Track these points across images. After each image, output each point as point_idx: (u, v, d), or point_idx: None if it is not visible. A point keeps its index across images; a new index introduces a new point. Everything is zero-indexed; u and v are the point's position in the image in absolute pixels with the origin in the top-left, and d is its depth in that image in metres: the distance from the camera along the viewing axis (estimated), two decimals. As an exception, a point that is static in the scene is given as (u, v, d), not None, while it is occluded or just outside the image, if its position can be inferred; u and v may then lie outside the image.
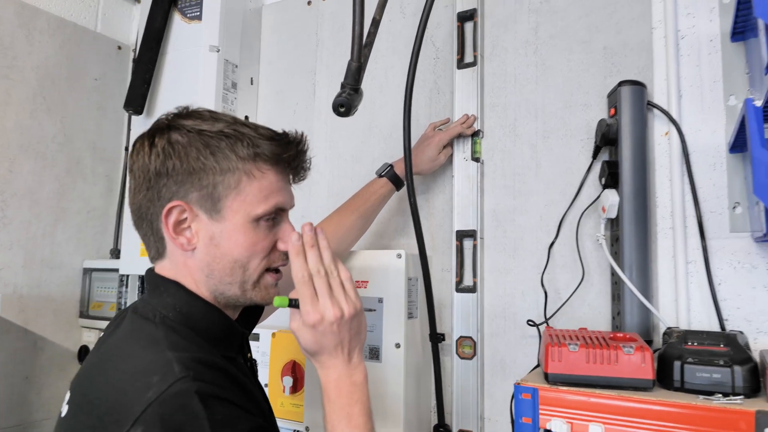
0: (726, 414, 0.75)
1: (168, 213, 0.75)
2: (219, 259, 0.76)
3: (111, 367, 0.68)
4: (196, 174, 0.75)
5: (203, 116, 0.81)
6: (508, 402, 1.21)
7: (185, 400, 0.60)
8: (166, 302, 0.75)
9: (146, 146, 0.78)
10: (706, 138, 1.09)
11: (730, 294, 1.04)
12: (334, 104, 0.91)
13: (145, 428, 0.58)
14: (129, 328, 0.73)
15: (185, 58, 1.57)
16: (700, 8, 1.12)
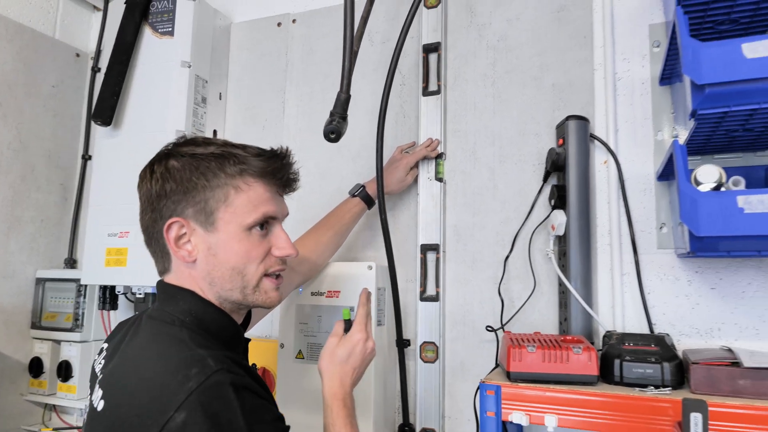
0: (658, 402, 0.90)
1: (168, 229, 0.82)
2: (218, 267, 0.83)
3: (146, 365, 0.74)
4: (190, 192, 0.82)
5: (197, 142, 0.88)
6: (468, 401, 1.34)
7: (221, 389, 0.67)
8: (181, 308, 0.81)
9: (148, 174, 0.87)
10: (638, 167, 1.27)
11: (658, 302, 1.21)
12: (325, 131, 0.99)
13: (187, 414, 0.64)
14: (152, 332, 0.79)
15: (156, 72, 1.60)
16: (635, 55, 1.30)
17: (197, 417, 0.65)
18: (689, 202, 0.88)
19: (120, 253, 1.55)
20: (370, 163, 1.53)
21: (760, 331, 1.13)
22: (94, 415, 0.77)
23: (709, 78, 0.88)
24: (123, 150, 1.59)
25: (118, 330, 0.92)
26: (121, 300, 1.70)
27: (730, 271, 1.17)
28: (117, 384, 0.76)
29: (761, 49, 0.84)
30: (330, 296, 1.34)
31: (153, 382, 0.70)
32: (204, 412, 0.65)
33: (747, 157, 1.17)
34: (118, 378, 0.77)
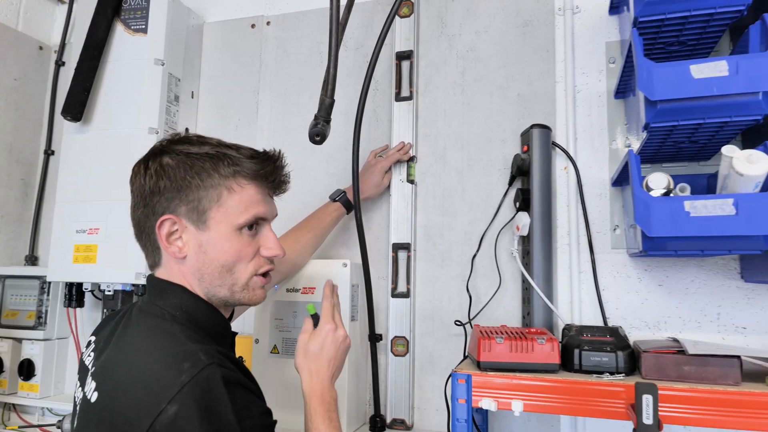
0: (613, 387, 0.99)
1: (161, 225, 0.85)
2: (207, 264, 0.86)
3: (140, 358, 0.76)
4: (184, 191, 0.85)
5: (191, 141, 0.91)
6: (436, 392, 1.41)
7: (212, 383, 0.70)
8: (172, 303, 0.84)
9: (142, 169, 0.89)
10: (594, 173, 1.37)
11: (611, 297, 1.32)
12: (311, 134, 1.04)
13: (179, 406, 0.67)
14: (144, 325, 0.82)
15: (128, 69, 1.59)
16: (593, 70, 1.41)
17: (189, 409, 0.67)
18: (642, 206, 0.98)
19: (89, 249, 1.54)
20: (343, 164, 1.58)
21: (701, 324, 1.25)
22: (87, 406, 0.79)
23: (660, 95, 0.98)
24: (93, 146, 1.58)
25: (107, 322, 0.94)
26: (87, 297, 1.69)
27: (675, 270, 1.28)
28: (111, 376, 0.77)
29: (706, 70, 0.95)
30: (305, 293, 1.38)
31: (147, 375, 0.72)
32: (196, 405, 0.67)
33: (691, 167, 1.29)
34: (112, 370, 0.78)
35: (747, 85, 0.94)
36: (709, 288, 1.25)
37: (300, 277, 1.38)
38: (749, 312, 1.22)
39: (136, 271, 1.51)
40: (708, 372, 0.98)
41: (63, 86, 1.93)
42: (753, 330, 1.21)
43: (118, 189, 1.54)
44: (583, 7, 1.43)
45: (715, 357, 0.98)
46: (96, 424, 0.75)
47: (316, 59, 1.67)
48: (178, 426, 0.66)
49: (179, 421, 0.67)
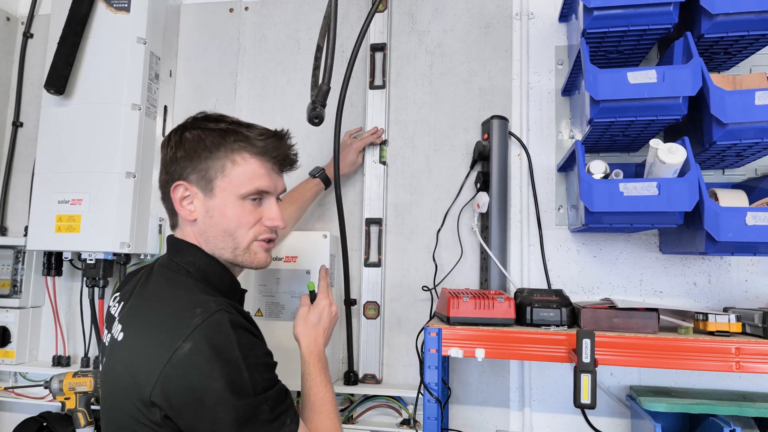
0: (557, 336, 1.20)
1: (174, 189, 0.98)
2: (212, 228, 0.99)
3: (160, 304, 0.89)
4: (195, 160, 0.98)
5: (210, 118, 1.03)
6: (403, 350, 1.59)
7: (221, 325, 0.84)
8: (187, 260, 0.97)
9: (166, 141, 1.02)
10: (543, 160, 1.58)
11: (555, 266, 1.54)
12: (310, 116, 1.17)
13: (193, 343, 0.81)
14: (164, 278, 0.95)
15: (111, 46, 1.64)
16: (543, 69, 1.61)
17: (201, 346, 0.81)
18: (586, 186, 1.19)
19: (72, 219, 1.59)
20: (319, 144, 1.72)
21: (627, 289, 1.49)
22: (114, 345, 0.91)
23: (603, 95, 1.19)
24: (75, 119, 1.63)
25: (129, 279, 1.06)
26: (64, 266, 1.74)
27: (607, 244, 1.52)
28: (135, 318, 0.91)
29: (640, 77, 1.16)
30: (288, 261, 1.51)
31: (165, 318, 0.86)
32: (206, 342, 0.81)
33: (623, 156, 1.52)
34: (136, 314, 0.91)
35: (671, 91, 1.16)
36: (634, 259, 1.50)
37: (282, 247, 1.51)
38: (665, 278, 1.47)
39: (121, 241, 1.59)
40: (632, 323, 1.21)
41: (31, 58, 1.94)
42: (668, 294, 1.47)
43: (102, 161, 1.60)
44: (537, 14, 1.63)
45: (638, 310, 1.21)
46: (123, 357, 0.87)
47: (293, 45, 1.79)
48: (192, 359, 0.80)
49: (192, 355, 0.80)
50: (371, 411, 1.54)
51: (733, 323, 1.18)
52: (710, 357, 1.13)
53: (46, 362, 1.77)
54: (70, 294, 1.81)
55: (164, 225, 1.77)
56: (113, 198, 1.59)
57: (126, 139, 1.62)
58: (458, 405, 1.54)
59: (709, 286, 1.45)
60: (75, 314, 1.77)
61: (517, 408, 1.52)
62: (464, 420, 1.54)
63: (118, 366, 0.88)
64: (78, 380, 1.50)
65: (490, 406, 1.53)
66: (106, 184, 1.60)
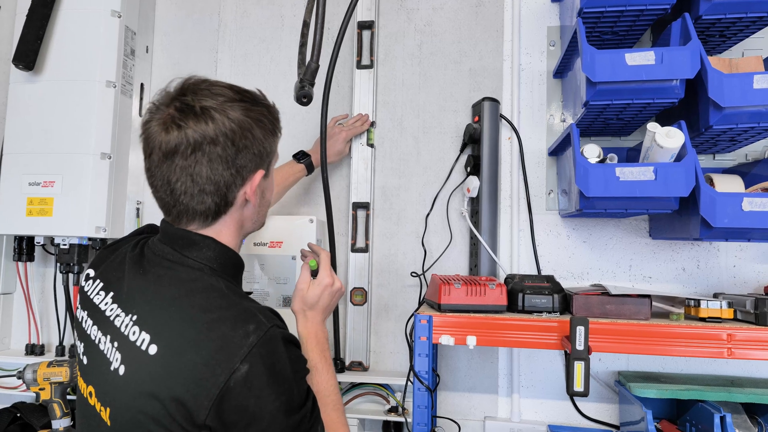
0: (549, 323, 1.18)
1: (253, 179, 0.90)
2: (263, 207, 0.96)
3: (203, 316, 0.79)
4: (258, 146, 0.89)
5: (236, 90, 0.91)
6: (390, 337, 1.56)
7: (275, 344, 0.79)
8: (206, 255, 0.87)
9: (213, 135, 0.88)
10: (534, 144, 1.55)
11: (544, 252, 1.52)
12: (298, 95, 1.12)
13: (250, 365, 0.75)
14: (188, 279, 0.83)
15: (83, 19, 1.56)
16: (535, 50, 1.57)
17: (258, 368, 0.76)
18: (582, 171, 1.16)
19: (44, 202, 1.52)
20: (304, 126, 1.66)
21: (616, 274, 1.48)
22: (140, 356, 0.78)
23: (600, 77, 1.15)
24: (47, 97, 1.55)
25: (106, 257, 0.95)
26: (36, 251, 1.67)
27: (597, 229, 1.50)
28: (169, 329, 0.79)
29: (638, 58, 1.13)
30: (273, 246, 1.46)
31: (216, 335, 0.77)
32: (263, 364, 0.76)
33: (614, 141, 1.50)
34: (171, 324, 0.79)
35: (669, 73, 1.13)
36: (624, 244, 1.48)
37: (267, 232, 1.46)
38: (655, 264, 1.46)
39: (96, 225, 1.52)
40: (625, 309, 1.20)
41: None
42: (657, 279, 1.46)
43: (76, 141, 1.52)
44: (529, -7, 1.59)
45: (630, 297, 1.20)
46: (161, 374, 0.76)
47: (276, 21, 1.72)
48: (250, 381, 0.75)
49: (250, 378, 0.75)
50: (358, 399, 1.51)
51: (725, 309, 1.17)
52: (703, 344, 1.12)
53: (18, 351, 1.70)
54: (43, 280, 1.73)
55: (142, 208, 1.71)
56: (88, 180, 1.52)
57: (100, 118, 1.54)
58: (446, 391, 1.52)
59: (698, 272, 1.45)
60: (49, 301, 1.70)
61: (505, 394, 1.50)
62: (452, 407, 1.52)
63: (154, 382, 0.77)
64: (53, 370, 1.44)
65: (478, 393, 1.52)
66: (80, 165, 1.52)
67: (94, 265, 0.97)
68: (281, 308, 1.46)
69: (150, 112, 0.86)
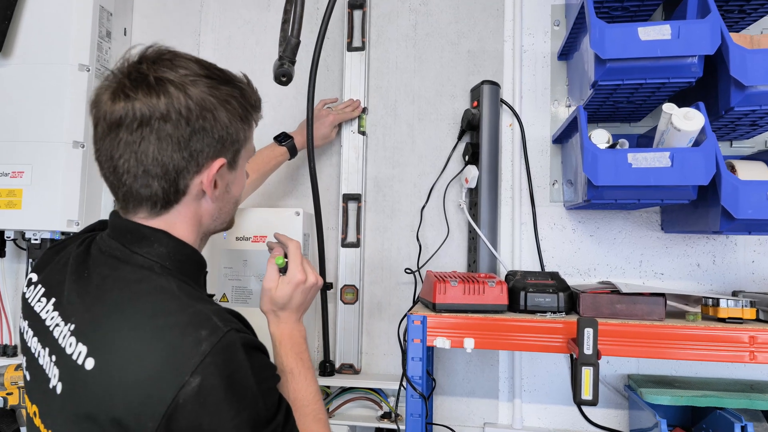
0: (554, 324, 1.08)
1: (211, 167, 0.78)
2: (227, 203, 0.85)
3: (146, 322, 0.68)
4: (222, 129, 0.78)
5: (203, 65, 0.80)
6: (383, 338, 1.47)
7: (233, 351, 0.67)
8: (158, 252, 0.76)
9: (166, 108, 0.77)
10: (537, 130, 1.45)
11: (548, 246, 1.42)
12: (276, 74, 1.02)
13: (203, 378, 0.63)
14: (133, 279, 0.73)
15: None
16: (538, 31, 1.46)
17: (213, 380, 0.64)
18: (591, 157, 1.06)
19: (13, 194, 1.42)
20: (291, 112, 1.56)
21: (625, 270, 1.38)
22: (76, 372, 0.68)
23: (611, 54, 1.05)
24: (15, 81, 1.45)
25: (50, 259, 0.85)
26: (9, 246, 1.57)
27: (605, 222, 1.40)
28: (109, 339, 0.69)
29: (652, 33, 1.02)
30: (256, 241, 1.36)
31: (161, 345, 0.66)
32: (219, 375, 0.65)
33: (623, 127, 1.40)
34: (108, 332, 0.69)
35: (686, 49, 1.02)
36: (634, 238, 1.38)
37: (250, 226, 1.36)
38: (667, 259, 1.36)
39: (69, 218, 1.42)
40: (637, 309, 1.10)
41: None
42: (669, 275, 1.36)
43: (46, 129, 1.42)
44: (531, -31, 1.48)
45: (643, 295, 1.10)
46: (100, 393, 0.66)
47: (262, 2, 1.61)
48: (202, 397, 0.64)
49: (203, 392, 0.64)
50: (349, 404, 1.41)
51: (746, 309, 1.08)
52: (722, 347, 1.02)
53: (-10, 351, 1.61)
54: (16, 277, 1.64)
55: (120, 201, 1.60)
56: (59, 170, 1.42)
57: (73, 104, 1.44)
58: (443, 396, 1.43)
59: (714, 268, 1.34)
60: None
61: (506, 399, 1.40)
62: (449, 412, 1.42)
63: (91, 402, 0.67)
64: (20, 374, 1.34)
65: (477, 398, 1.42)
66: (51, 154, 1.42)
67: (37, 268, 0.86)
68: (265, 307, 1.36)
69: (105, 79, 0.75)
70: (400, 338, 1.38)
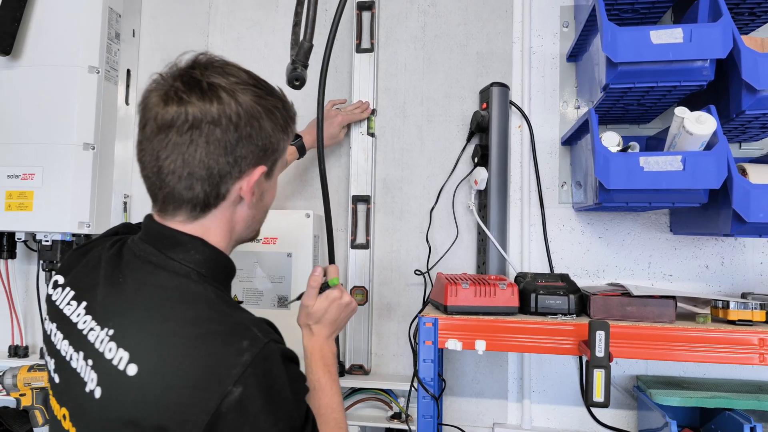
0: (565, 326, 1.08)
1: (252, 173, 0.80)
2: (260, 211, 0.87)
3: (189, 330, 0.69)
4: (266, 138, 0.80)
5: (252, 76, 0.83)
6: (393, 338, 1.47)
7: (272, 362, 0.69)
8: (194, 258, 0.77)
9: (218, 114, 0.79)
10: (546, 132, 1.45)
11: (557, 248, 1.42)
12: (289, 78, 1.02)
13: (244, 388, 0.65)
14: (173, 287, 0.74)
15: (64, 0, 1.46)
16: (547, 32, 1.47)
17: (254, 390, 0.66)
18: (603, 160, 1.06)
19: (24, 196, 1.43)
20: (300, 113, 1.54)
21: (634, 272, 1.38)
22: (117, 376, 0.69)
23: (623, 57, 1.05)
24: (25, 83, 1.46)
25: (76, 261, 0.85)
26: (19, 248, 1.58)
27: (614, 224, 1.40)
28: (155, 349, 0.69)
29: (664, 36, 1.03)
30: (266, 243, 1.37)
31: (204, 354, 0.68)
32: (258, 386, 0.67)
33: (632, 129, 1.40)
34: (154, 341, 0.70)
35: (698, 52, 1.03)
36: (642, 240, 1.39)
37: (262, 227, 1.36)
38: (675, 261, 1.36)
39: (80, 220, 1.43)
40: (647, 312, 1.10)
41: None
42: (678, 277, 1.36)
43: (57, 131, 1.43)
44: (540, -30, 1.48)
45: (653, 298, 1.10)
46: (141, 398, 0.67)
47: (271, 4, 1.61)
48: (244, 406, 0.65)
49: (245, 402, 0.66)
50: (359, 404, 1.42)
51: (756, 311, 1.08)
52: (732, 349, 1.03)
53: (1, 352, 1.61)
54: (26, 278, 1.64)
55: (129, 202, 1.61)
56: (70, 172, 1.43)
57: (83, 106, 1.45)
58: (452, 397, 1.43)
59: (722, 269, 1.35)
60: (32, 300, 1.61)
61: (515, 400, 1.41)
62: (459, 413, 1.43)
63: (135, 408, 0.68)
64: (34, 375, 1.35)
65: (486, 398, 1.42)
66: (62, 156, 1.43)
67: (62, 270, 0.86)
68: (276, 308, 1.37)
69: (155, 82, 0.76)
70: (411, 339, 1.39)
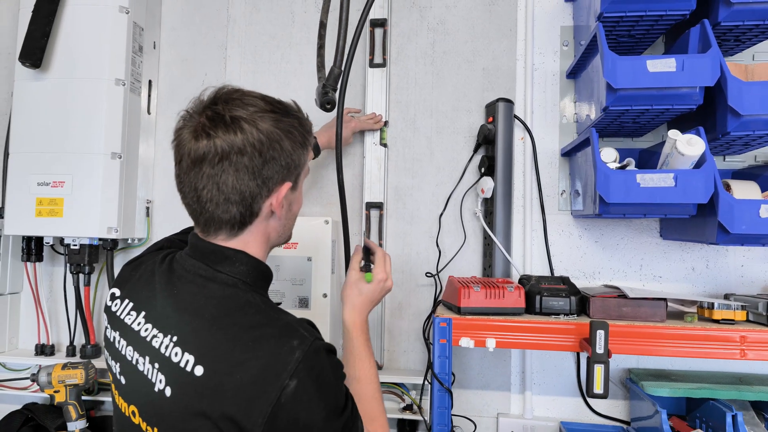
0: (568, 325, 1.20)
1: (280, 191, 0.88)
2: (290, 219, 0.97)
3: (245, 334, 0.79)
4: (286, 157, 0.88)
5: (268, 100, 0.91)
6: (404, 336, 1.58)
7: (319, 356, 0.80)
8: (239, 270, 0.86)
9: (241, 145, 0.87)
10: (546, 144, 1.56)
11: (557, 252, 1.54)
12: (322, 102, 1.11)
13: (298, 380, 0.76)
14: (220, 295, 0.83)
15: (91, 15, 1.52)
16: (548, 50, 1.57)
17: (306, 382, 0.77)
18: (603, 177, 1.18)
19: (54, 203, 1.50)
20: (316, 117, 1.64)
21: (627, 274, 1.50)
22: (185, 377, 0.78)
23: (622, 84, 1.16)
24: (54, 95, 1.52)
25: (130, 276, 0.95)
26: (45, 251, 1.65)
27: (609, 229, 1.52)
28: (218, 352, 0.78)
29: (659, 65, 1.14)
30: (288, 248, 1.46)
31: (261, 352, 0.77)
32: (309, 377, 0.77)
33: (626, 142, 1.52)
34: (216, 345, 0.79)
35: (689, 80, 1.14)
36: (635, 244, 1.51)
37: (283, 233, 1.46)
38: (665, 264, 1.49)
39: (108, 226, 1.51)
40: (641, 312, 1.22)
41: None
42: (667, 278, 1.49)
43: (85, 141, 1.50)
44: (542, -8, 1.58)
45: (647, 300, 1.22)
46: (212, 394, 0.76)
47: (287, 18, 1.70)
48: (299, 395, 0.76)
49: (299, 392, 0.76)
50: (373, 397, 1.53)
51: (738, 311, 1.21)
52: (717, 345, 1.15)
53: (28, 351, 1.69)
54: (51, 280, 1.72)
55: (152, 207, 1.69)
56: (98, 180, 1.50)
57: (110, 117, 1.52)
58: (460, 389, 1.55)
59: (707, 271, 1.48)
60: (57, 301, 1.69)
61: (518, 391, 1.53)
62: (466, 404, 1.54)
63: (204, 402, 0.77)
64: (68, 372, 1.43)
65: (491, 390, 1.54)
66: (90, 165, 1.50)
67: (118, 283, 0.96)
68: (297, 309, 1.47)
69: (183, 119, 0.86)
70: (425, 337, 1.50)
